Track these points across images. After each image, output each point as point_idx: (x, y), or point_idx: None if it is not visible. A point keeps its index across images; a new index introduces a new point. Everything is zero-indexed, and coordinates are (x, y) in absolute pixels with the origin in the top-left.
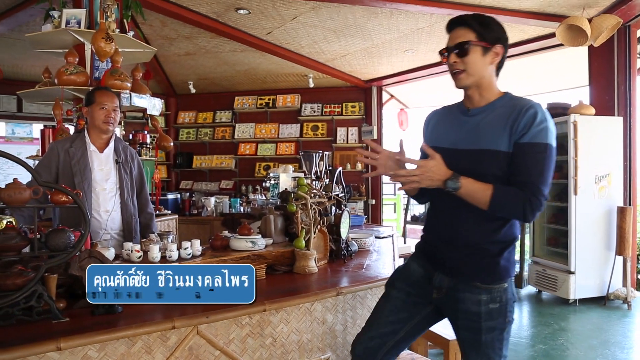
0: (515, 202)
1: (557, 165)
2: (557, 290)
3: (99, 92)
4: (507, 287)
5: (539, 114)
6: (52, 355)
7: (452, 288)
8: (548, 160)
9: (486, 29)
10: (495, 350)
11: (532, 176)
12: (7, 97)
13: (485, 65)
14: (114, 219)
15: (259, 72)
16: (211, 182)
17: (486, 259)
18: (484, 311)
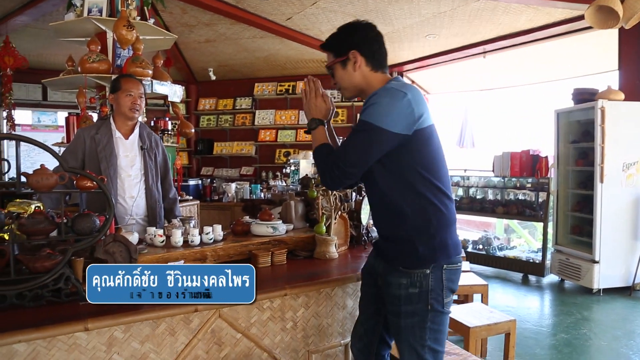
0: (324, 164)
1: (582, 153)
2: (580, 279)
3: (124, 79)
4: (430, 274)
5: (374, 95)
6: (80, 335)
7: (384, 272)
8: (354, 135)
9: (337, 43)
10: (417, 338)
11: (342, 146)
12: (33, 86)
13: (351, 75)
14: (138, 204)
15: (278, 59)
16: (232, 169)
17: (404, 245)
18: (403, 295)
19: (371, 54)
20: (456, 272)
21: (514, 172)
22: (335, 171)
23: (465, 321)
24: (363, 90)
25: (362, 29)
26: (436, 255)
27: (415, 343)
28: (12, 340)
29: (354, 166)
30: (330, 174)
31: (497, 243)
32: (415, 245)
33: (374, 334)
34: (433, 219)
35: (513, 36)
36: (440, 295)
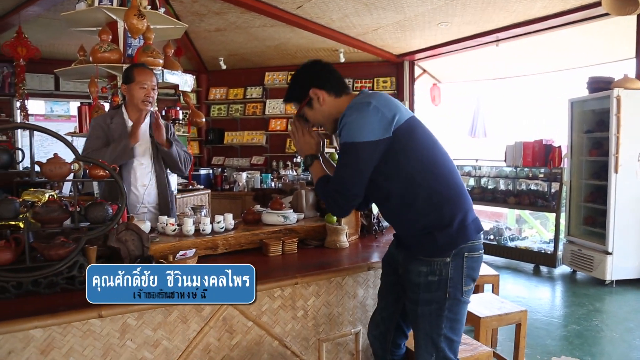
0: (324, 193)
1: (596, 143)
2: (592, 270)
3: (137, 70)
4: (451, 262)
5: (342, 118)
6: (94, 322)
7: (405, 261)
8: (342, 157)
9: (295, 91)
10: (433, 326)
11: (336, 174)
12: (45, 76)
13: (321, 111)
14: (150, 193)
15: (289, 48)
16: (242, 158)
17: (422, 235)
18: (422, 282)
19: (327, 84)
20: (477, 260)
21: (526, 162)
22: (339, 200)
23: (475, 311)
24: (335, 118)
25: (310, 68)
26: (456, 242)
27: (431, 331)
28: (28, 325)
29: (353, 188)
30: (336, 203)
31: (509, 233)
32: (434, 236)
33: (391, 322)
34: (444, 206)
35: (527, 24)
36: (459, 283)
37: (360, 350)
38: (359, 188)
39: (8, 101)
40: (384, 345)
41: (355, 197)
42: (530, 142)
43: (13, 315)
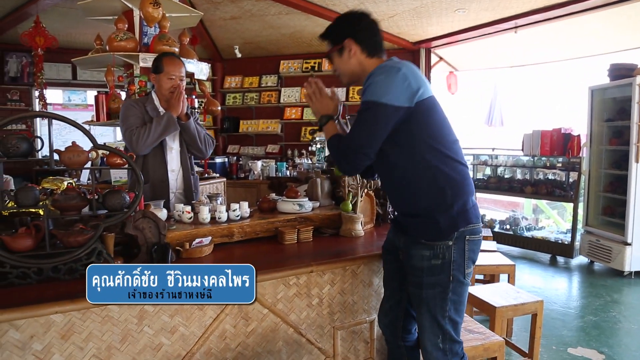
0: (339, 152)
1: (616, 131)
2: (610, 261)
3: (166, 60)
4: (453, 245)
5: (372, 75)
6: (112, 308)
7: (406, 246)
8: (362, 115)
9: (333, 33)
10: (438, 308)
11: (352, 132)
12: (63, 65)
13: (347, 62)
14: (178, 178)
15: (304, 35)
16: (257, 147)
17: (425, 219)
18: (426, 266)
19: (365, 41)
20: (477, 243)
21: (544, 151)
22: (349, 155)
23: (491, 301)
24: (359, 77)
25: (357, 18)
26: (457, 224)
27: (436, 314)
28: (49, 311)
29: (365, 146)
30: (346, 159)
31: (525, 223)
32: (435, 217)
33: (400, 308)
34: (447, 189)
35: (546, 10)
36: (462, 265)
37: (375, 338)
38: (371, 148)
39: (27, 90)
40: (395, 332)
41: (366, 156)
42: (549, 131)
43: (34, 301)
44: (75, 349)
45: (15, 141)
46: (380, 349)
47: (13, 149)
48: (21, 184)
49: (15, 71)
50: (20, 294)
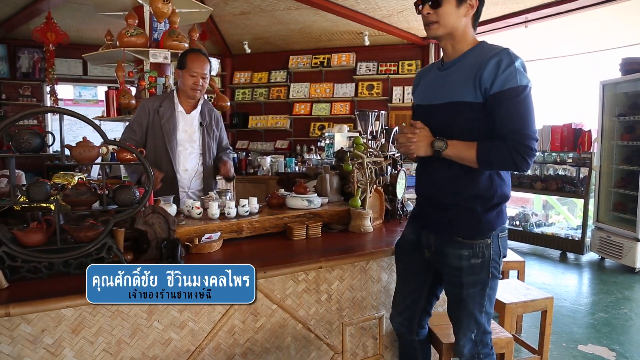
0: (502, 154)
1: (628, 127)
2: (622, 258)
3: (190, 57)
4: (491, 243)
5: (504, 59)
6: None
7: (439, 244)
8: (524, 101)
9: None
10: (477, 305)
11: (512, 123)
12: (74, 61)
13: (459, 17)
14: (195, 179)
15: (313, 31)
16: (266, 142)
17: (466, 214)
18: (465, 266)
19: (481, 9)
20: (506, 239)
21: (554, 147)
22: (524, 147)
23: (501, 297)
24: (455, 37)
25: None
26: (495, 223)
27: (474, 310)
28: (60, 305)
29: (535, 132)
30: (520, 154)
31: (535, 219)
32: (478, 213)
33: (417, 306)
34: (498, 189)
35: (557, 4)
36: (497, 262)
37: (383, 334)
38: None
39: (38, 86)
40: (411, 329)
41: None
42: (559, 126)
43: (46, 295)
44: (85, 343)
45: (27, 136)
46: (388, 345)
47: (25, 144)
48: (33, 178)
49: (27, 67)
50: (31, 288)
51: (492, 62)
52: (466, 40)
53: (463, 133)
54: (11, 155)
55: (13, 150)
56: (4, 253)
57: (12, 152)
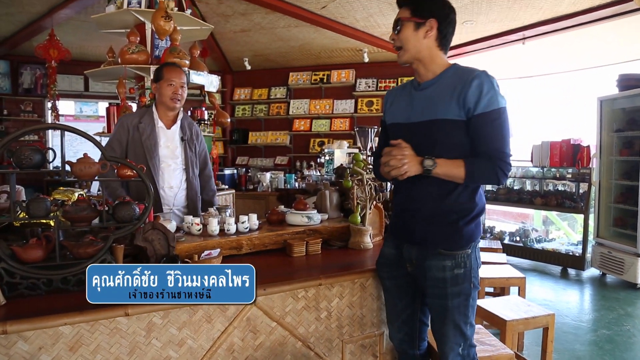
0: (488, 171)
1: (627, 142)
2: (623, 273)
3: (167, 68)
4: (471, 253)
5: (485, 83)
6: (121, 320)
7: (420, 257)
8: (504, 123)
9: (420, 4)
10: (462, 316)
11: (495, 143)
12: (76, 77)
13: (419, 40)
14: (178, 195)
15: (313, 48)
16: (266, 158)
17: (448, 226)
18: (449, 277)
19: (445, 32)
20: (479, 249)
21: (553, 162)
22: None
23: (501, 314)
24: (421, 61)
25: (448, 7)
26: (475, 235)
27: (460, 321)
28: (58, 322)
29: (509, 147)
30: (503, 171)
31: (535, 235)
32: (459, 226)
33: (414, 320)
34: (478, 201)
35: (554, 21)
36: (477, 272)
37: (383, 352)
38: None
39: (40, 102)
40: (413, 343)
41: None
42: (558, 142)
43: (43, 312)
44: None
45: (28, 153)
46: None
47: (26, 160)
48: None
49: (29, 83)
50: (29, 305)
51: (475, 83)
52: (436, 62)
53: (444, 148)
54: (12, 172)
55: (14, 166)
56: (2, 269)
57: (13, 168)
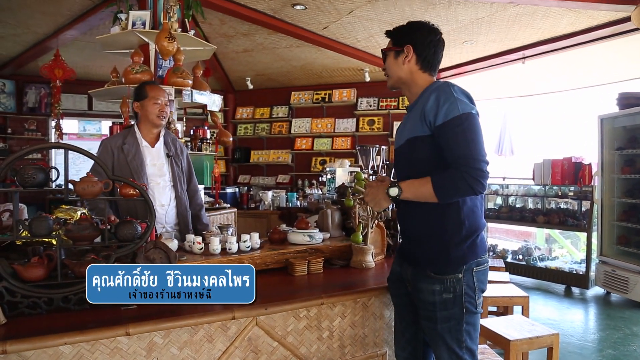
0: (455, 181)
1: (628, 160)
2: (628, 292)
3: (150, 86)
4: (463, 277)
5: (441, 93)
6: (121, 340)
7: (414, 278)
8: (469, 128)
9: (398, 34)
10: (454, 340)
11: (460, 149)
12: (79, 96)
13: (399, 67)
14: (169, 213)
15: (315, 67)
16: (268, 177)
17: (437, 248)
18: (438, 301)
19: (423, 54)
20: (485, 272)
21: (555, 180)
22: (475, 171)
23: (505, 334)
24: (405, 84)
25: (425, 30)
26: (466, 258)
27: (453, 345)
28: (58, 342)
29: (484, 154)
30: (474, 178)
31: (538, 253)
32: (447, 247)
33: (417, 340)
34: (466, 222)
35: (553, 41)
36: (472, 297)
37: None
38: (486, 155)
39: (44, 120)
40: None
41: (487, 164)
42: (559, 160)
43: (44, 331)
44: None
45: (32, 172)
46: None
47: (30, 179)
48: (34, 212)
49: (34, 102)
50: (29, 324)
51: (432, 97)
52: (417, 84)
53: (421, 164)
54: (15, 190)
55: (17, 184)
56: (3, 288)
57: (16, 187)
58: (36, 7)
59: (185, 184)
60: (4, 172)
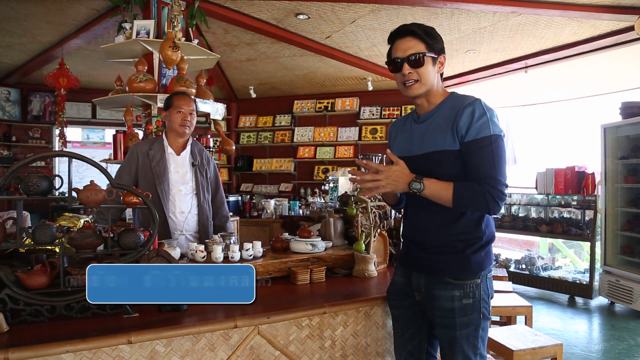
0: (476, 196)
1: (631, 169)
2: (632, 302)
3: (176, 96)
4: (481, 283)
5: (477, 109)
6: (123, 348)
7: (429, 286)
8: (497, 150)
9: (433, 39)
10: (471, 346)
11: (486, 169)
12: (83, 104)
13: (434, 74)
14: (189, 220)
15: (317, 76)
16: (271, 185)
17: (456, 255)
18: (457, 307)
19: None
20: (492, 279)
21: (558, 190)
22: (496, 191)
23: (508, 344)
24: (430, 92)
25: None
26: (484, 264)
27: (469, 352)
28: (60, 350)
29: (506, 179)
30: (493, 198)
31: (541, 263)
32: (467, 255)
33: (420, 351)
34: (486, 229)
35: (556, 50)
36: (487, 302)
37: None
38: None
39: (48, 128)
40: None
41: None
42: (562, 169)
43: (46, 339)
44: None
45: (36, 180)
46: None
47: (34, 187)
48: (38, 220)
49: (38, 110)
50: (32, 332)
51: (467, 111)
52: (438, 93)
53: (447, 178)
54: (19, 198)
55: (21, 192)
56: (6, 296)
57: (20, 194)
58: (42, 16)
59: (210, 195)
60: (8, 180)
